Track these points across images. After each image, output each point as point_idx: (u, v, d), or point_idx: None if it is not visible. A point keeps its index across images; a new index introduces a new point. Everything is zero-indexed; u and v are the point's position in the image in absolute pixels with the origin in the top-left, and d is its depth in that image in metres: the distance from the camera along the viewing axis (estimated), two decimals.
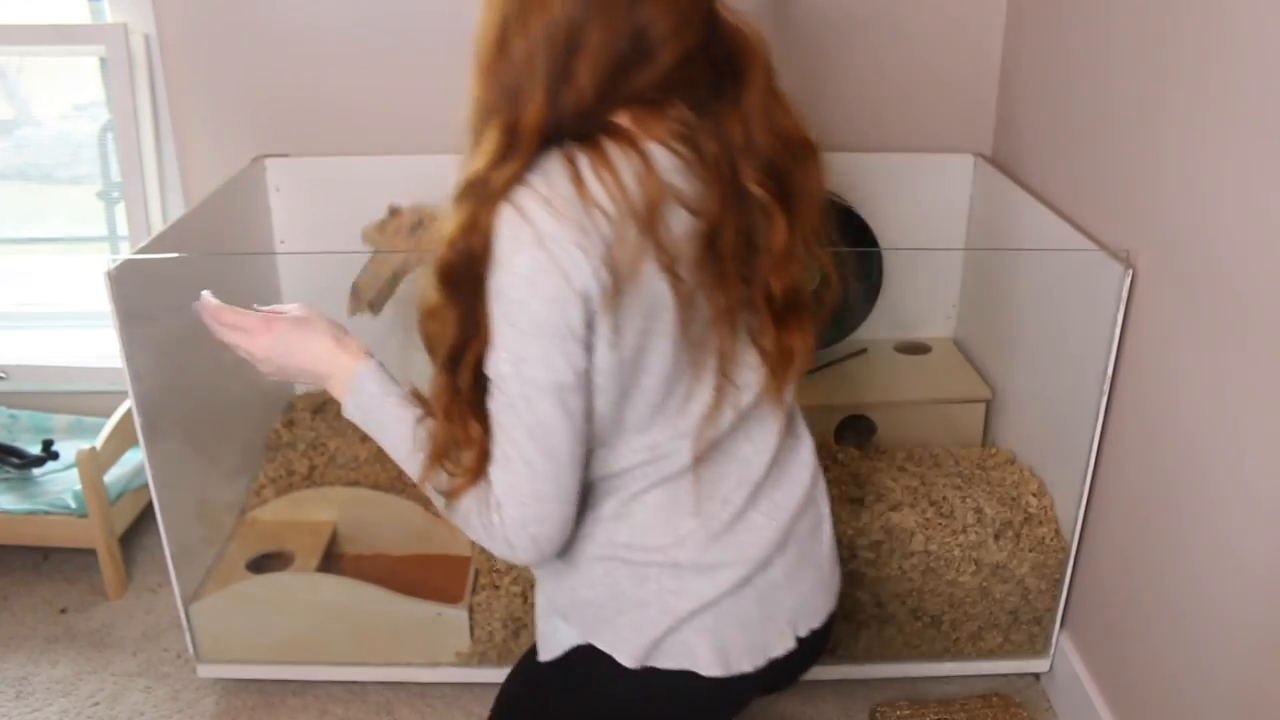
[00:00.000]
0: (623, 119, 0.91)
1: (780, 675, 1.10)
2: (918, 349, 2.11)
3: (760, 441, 1.06)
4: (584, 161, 0.88)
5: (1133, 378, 1.46)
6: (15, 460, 1.97)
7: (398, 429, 1.03)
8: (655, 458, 0.99)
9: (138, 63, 1.91)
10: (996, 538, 1.63)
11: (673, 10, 0.88)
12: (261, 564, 1.75)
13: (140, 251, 1.50)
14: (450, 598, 1.66)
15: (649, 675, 1.02)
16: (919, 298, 2.12)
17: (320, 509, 1.83)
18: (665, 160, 0.91)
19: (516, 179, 0.88)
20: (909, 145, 2.01)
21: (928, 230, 2.06)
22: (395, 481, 1.88)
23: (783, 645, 1.06)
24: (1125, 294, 1.44)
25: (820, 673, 1.71)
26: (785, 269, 0.98)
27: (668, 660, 1.02)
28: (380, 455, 1.92)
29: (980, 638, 1.68)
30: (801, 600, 1.08)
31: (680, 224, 0.91)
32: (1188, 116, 1.30)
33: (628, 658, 1.02)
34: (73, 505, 1.90)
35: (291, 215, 2.00)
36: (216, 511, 1.79)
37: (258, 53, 1.92)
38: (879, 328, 2.11)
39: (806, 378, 1.11)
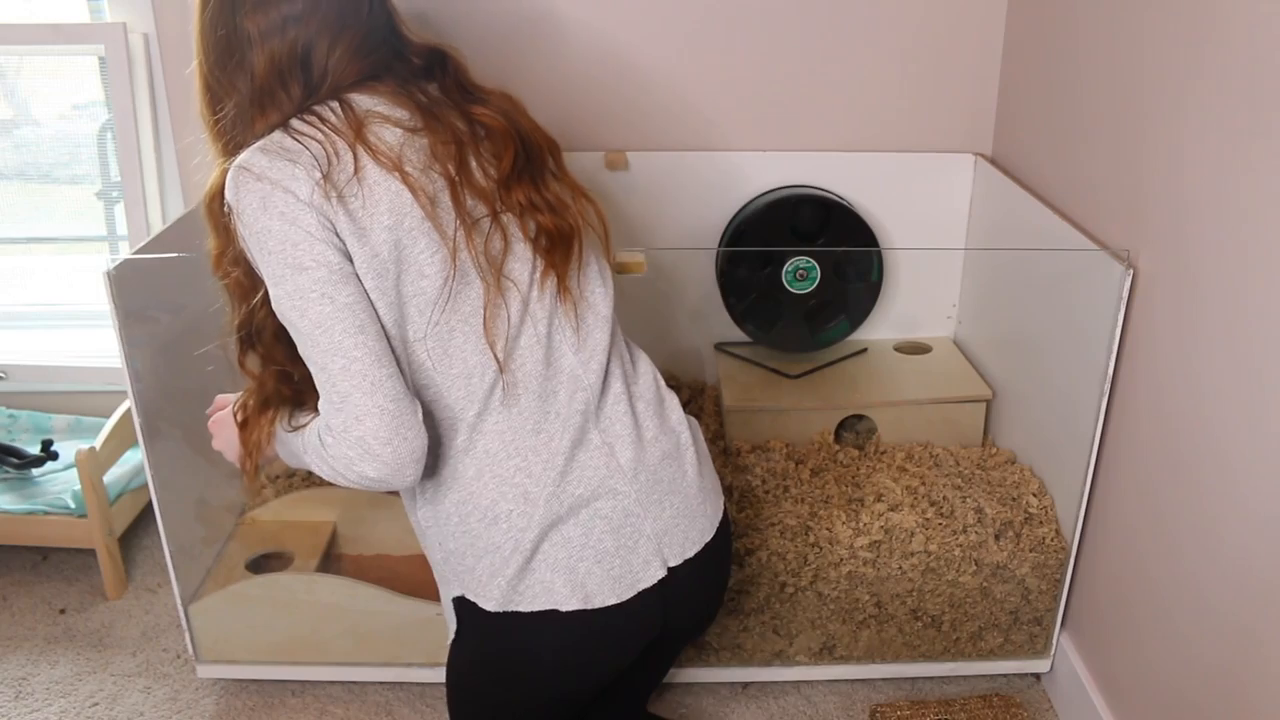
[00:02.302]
0: (330, 98, 1.06)
1: (672, 610, 1.12)
2: (918, 349, 2.11)
3: (584, 353, 1.11)
4: (294, 119, 1.04)
5: (1133, 378, 1.45)
6: (14, 460, 1.97)
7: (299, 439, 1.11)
8: (469, 372, 1.04)
9: (137, 62, 1.91)
10: (997, 538, 1.63)
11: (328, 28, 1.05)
12: (261, 564, 1.75)
13: (140, 251, 1.50)
14: None
15: (514, 619, 1.06)
16: (919, 298, 2.12)
17: (320, 509, 1.83)
18: (365, 99, 1.05)
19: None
20: (909, 145, 2.01)
21: (928, 230, 2.06)
22: None
23: (651, 575, 1.09)
24: (1125, 294, 1.44)
25: (820, 673, 1.71)
26: (531, 182, 1.09)
27: (528, 602, 1.05)
28: None
29: (980, 638, 1.68)
30: (664, 529, 1.10)
31: (394, 136, 1.04)
32: (1188, 116, 1.30)
33: (490, 602, 1.06)
34: (72, 505, 1.90)
35: None
36: (216, 511, 1.78)
37: None
38: (879, 328, 2.11)
39: (806, 377, 1.12)
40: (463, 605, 1.10)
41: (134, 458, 1.97)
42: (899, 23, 1.93)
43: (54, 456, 2.01)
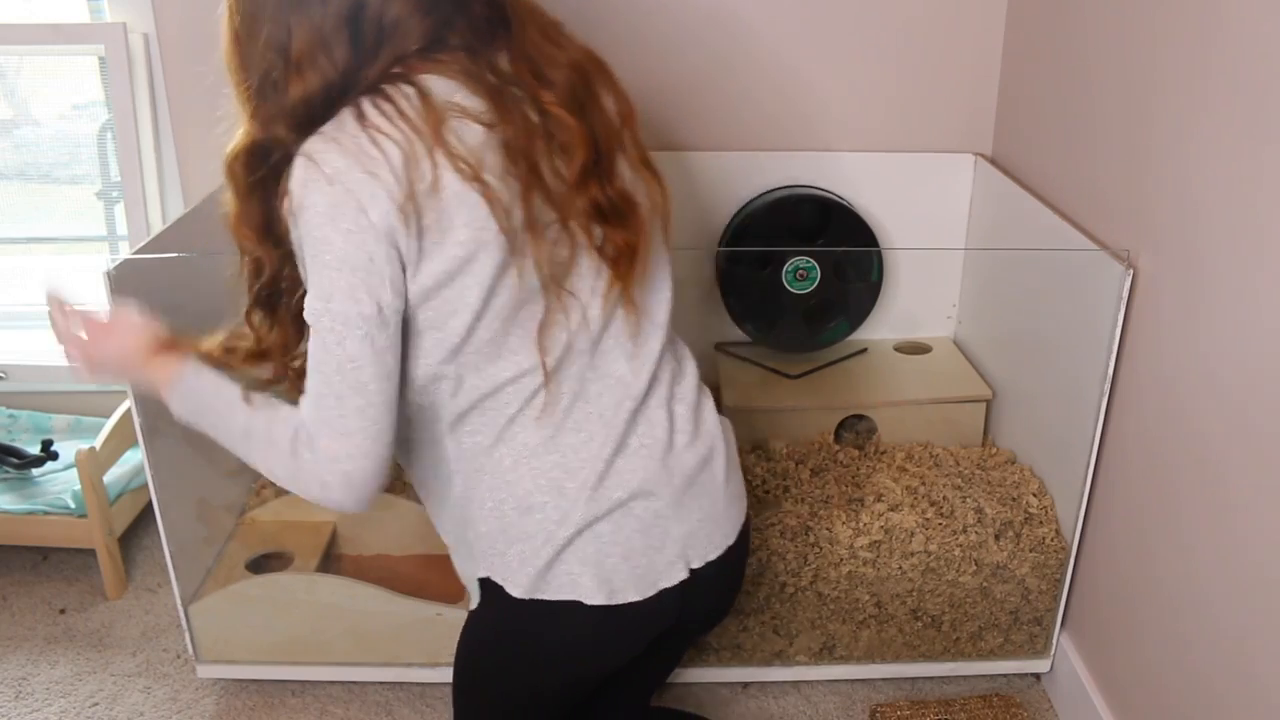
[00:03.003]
0: (396, 69, 0.97)
1: (688, 610, 1.13)
2: (918, 349, 2.11)
3: (634, 359, 1.09)
4: (366, 104, 0.94)
5: (1133, 378, 1.45)
6: (14, 460, 1.97)
7: (226, 396, 1.08)
8: (520, 374, 1.02)
9: (137, 62, 1.91)
10: (997, 538, 1.63)
11: None
12: (261, 564, 1.75)
13: (140, 251, 1.50)
14: (450, 598, 1.66)
15: (538, 606, 1.06)
16: (919, 298, 2.12)
17: (320, 509, 1.82)
18: (442, 85, 0.96)
19: (300, 138, 0.95)
20: (909, 145, 2.01)
21: (928, 230, 2.06)
22: (395, 482, 1.88)
23: (674, 575, 1.09)
24: (1125, 294, 1.44)
25: (820, 673, 1.71)
26: (599, 178, 1.02)
27: (554, 591, 1.06)
28: None
29: (980, 638, 1.68)
30: (690, 531, 1.10)
31: (474, 135, 0.95)
32: (1188, 116, 1.30)
33: (517, 588, 1.06)
34: (72, 505, 1.89)
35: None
36: (216, 511, 1.78)
37: None
38: (879, 328, 2.11)
39: (806, 377, 1.12)
40: (488, 585, 1.10)
41: (134, 458, 1.97)
42: (899, 23, 1.93)
43: (54, 456, 2.01)
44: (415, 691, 1.72)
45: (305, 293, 0.97)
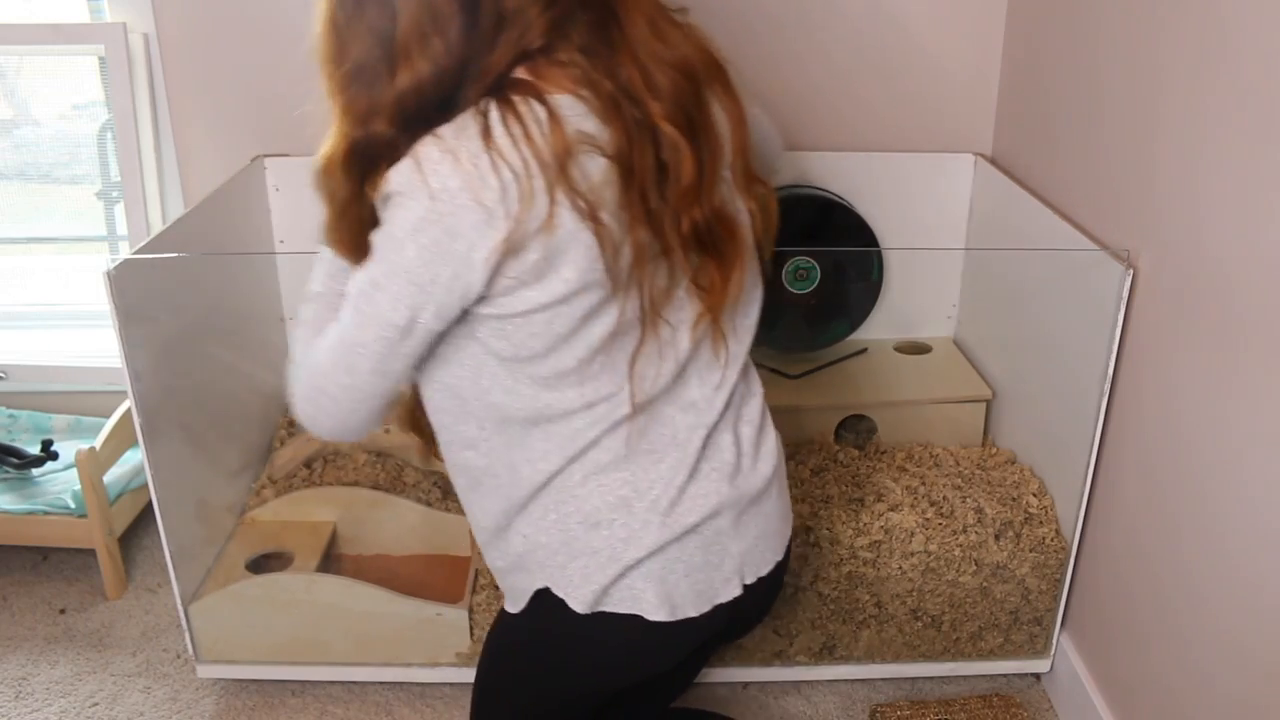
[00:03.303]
0: (521, 73, 0.91)
1: (732, 622, 1.13)
2: (918, 349, 2.11)
3: (710, 385, 1.07)
4: (494, 116, 0.88)
5: (1133, 378, 1.45)
6: (14, 460, 1.97)
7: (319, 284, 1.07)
8: (600, 399, 1.00)
9: (137, 62, 1.91)
10: (997, 538, 1.63)
11: None
12: (261, 564, 1.75)
13: (140, 251, 1.50)
14: (450, 598, 1.66)
15: (598, 619, 1.05)
16: (919, 298, 2.12)
17: (320, 509, 1.83)
18: (572, 108, 0.90)
19: (411, 136, 0.89)
20: (909, 145, 2.01)
21: (928, 230, 2.06)
22: (395, 482, 1.88)
23: (729, 592, 1.08)
24: (1125, 294, 1.44)
25: (820, 673, 1.71)
26: (699, 201, 0.95)
27: (615, 604, 1.04)
28: (380, 456, 1.92)
29: (980, 638, 1.68)
30: (747, 549, 1.09)
31: (598, 170, 0.90)
32: (1188, 116, 1.30)
33: (579, 603, 1.04)
34: (72, 505, 1.89)
35: (291, 215, 2.00)
36: (216, 511, 1.78)
37: (257, 52, 1.92)
38: (879, 328, 2.11)
39: (806, 377, 1.12)
40: (546, 596, 1.07)
41: (134, 458, 1.97)
42: (899, 23, 1.93)
43: (54, 456, 2.01)
44: (415, 691, 1.72)
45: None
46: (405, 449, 1.90)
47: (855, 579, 1.62)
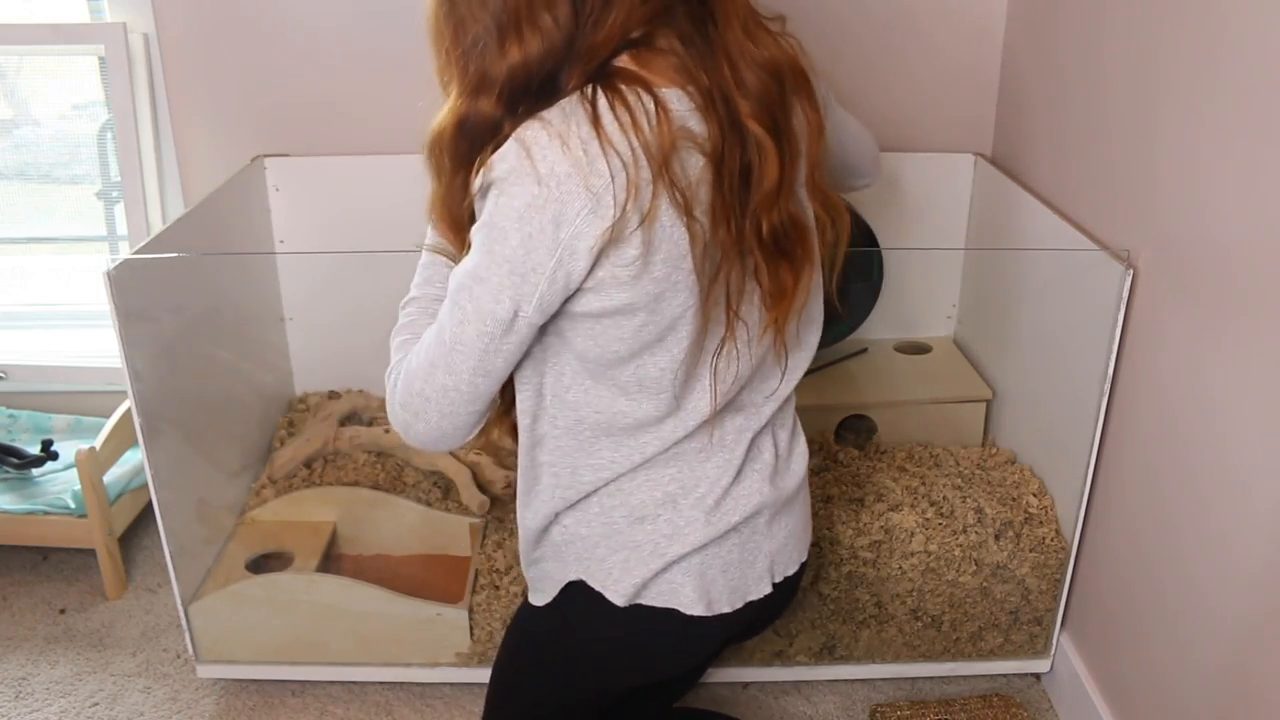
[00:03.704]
0: (624, 61, 0.91)
1: (756, 619, 1.15)
2: (918, 349, 2.11)
3: (764, 394, 1.08)
4: (603, 103, 0.87)
5: (1133, 378, 1.45)
6: (14, 460, 1.97)
7: (421, 287, 1.06)
8: (671, 414, 1.00)
9: (137, 62, 1.91)
10: (997, 538, 1.63)
11: None
12: (261, 564, 1.75)
13: (140, 251, 1.50)
14: (450, 598, 1.66)
15: (634, 611, 1.06)
16: (919, 298, 2.12)
17: (320, 509, 1.83)
18: (678, 103, 0.90)
19: (515, 118, 0.88)
20: (909, 145, 2.01)
21: (928, 230, 2.06)
22: (395, 482, 1.88)
23: (761, 590, 1.10)
24: (1125, 294, 1.44)
25: (820, 673, 1.71)
26: (778, 204, 0.95)
27: (654, 599, 1.05)
28: (380, 456, 1.92)
29: (980, 638, 1.68)
30: (778, 548, 1.12)
31: (695, 167, 0.90)
32: (1187, 116, 1.30)
33: (618, 596, 1.05)
34: (72, 505, 1.89)
35: (291, 215, 2.00)
36: (216, 511, 1.78)
37: (258, 52, 1.92)
38: (879, 328, 2.11)
39: (806, 377, 1.12)
40: (580, 588, 1.07)
41: (134, 458, 1.97)
42: (899, 23, 1.93)
43: (54, 456, 2.01)
44: (415, 691, 1.72)
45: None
46: (405, 449, 1.90)
47: (855, 579, 1.62)
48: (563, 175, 0.85)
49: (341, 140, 1.98)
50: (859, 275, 2.03)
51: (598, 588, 1.06)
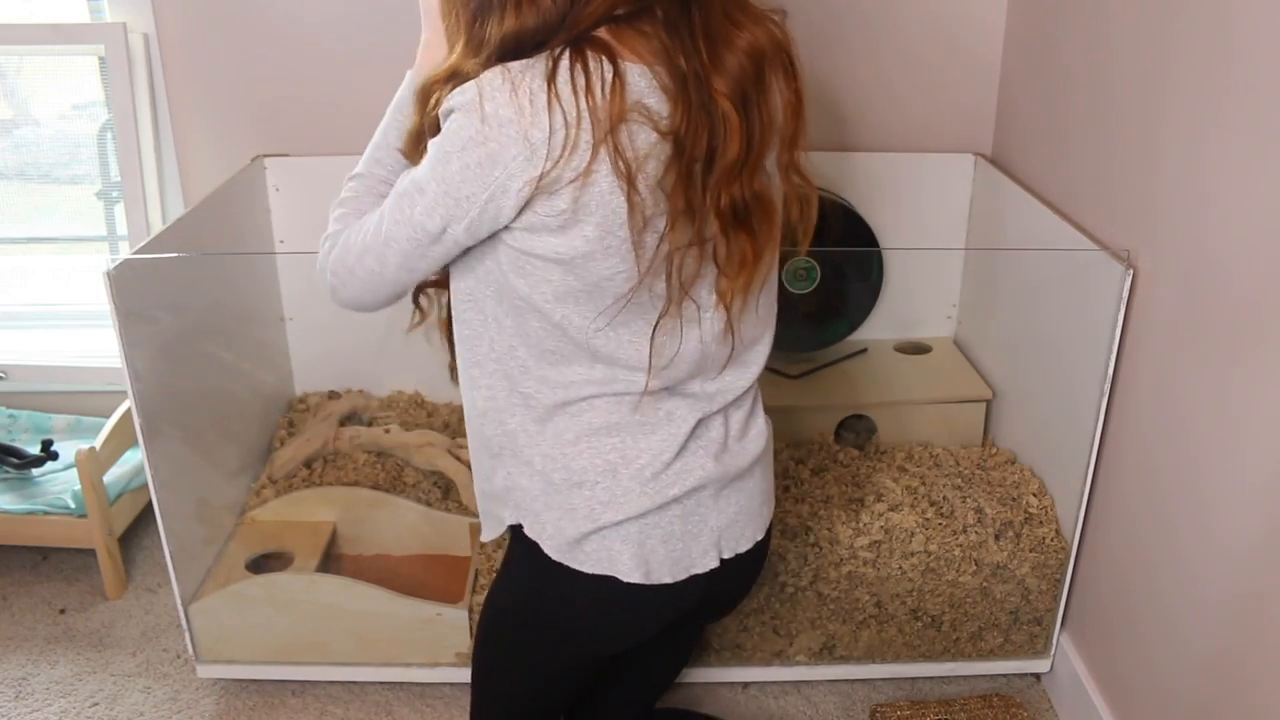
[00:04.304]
0: (602, 33, 0.95)
1: (710, 599, 1.17)
2: (918, 349, 2.11)
3: (719, 381, 1.11)
4: (564, 63, 0.92)
5: (1133, 378, 1.45)
6: (14, 460, 1.97)
7: (370, 154, 1.16)
8: (604, 362, 1.03)
9: (137, 62, 1.91)
10: (997, 538, 1.63)
11: None
12: (261, 564, 1.75)
13: (140, 251, 1.50)
14: (450, 598, 1.66)
15: (573, 574, 1.09)
16: (919, 298, 2.12)
17: (320, 509, 1.83)
18: (640, 81, 0.94)
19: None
20: (909, 145, 2.01)
21: (928, 230, 2.06)
22: (395, 482, 1.88)
23: (706, 564, 1.12)
24: (1125, 294, 1.44)
25: (820, 673, 1.71)
26: (741, 177, 0.98)
27: (591, 564, 1.08)
28: (380, 456, 1.92)
29: (980, 638, 1.68)
30: (726, 523, 1.13)
31: (646, 142, 0.93)
32: (1188, 116, 1.30)
33: (552, 549, 1.09)
34: (72, 505, 1.89)
35: (291, 215, 2.00)
36: (216, 511, 1.78)
37: (257, 52, 1.92)
38: (879, 328, 2.11)
39: (806, 377, 1.13)
40: (521, 536, 1.12)
41: (134, 458, 1.97)
42: (898, 23, 1.93)
43: (54, 456, 2.01)
44: (415, 691, 1.72)
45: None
46: (405, 448, 1.91)
47: (855, 579, 1.62)
48: (505, 119, 0.91)
49: (341, 140, 1.97)
50: (859, 275, 2.03)
51: (533, 537, 1.10)
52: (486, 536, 1.18)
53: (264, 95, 1.95)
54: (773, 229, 1.04)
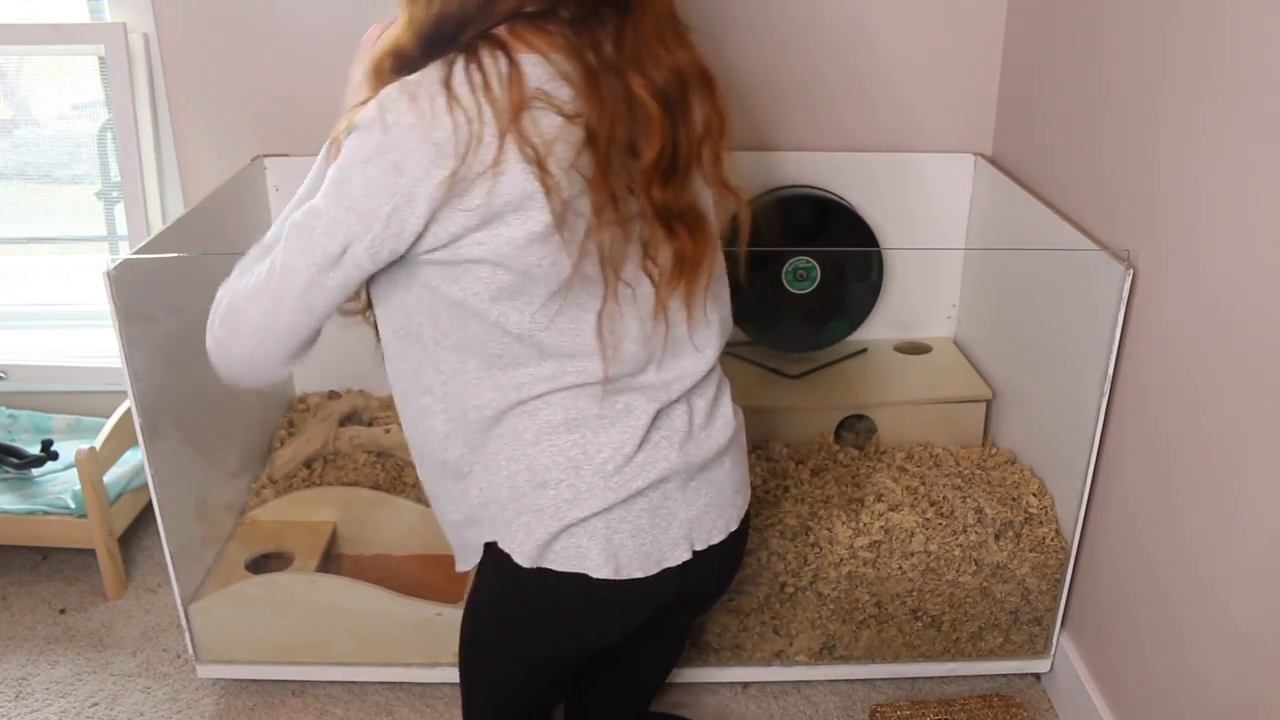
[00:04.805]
0: (500, 31, 0.98)
1: (687, 592, 1.16)
2: (918, 349, 2.11)
3: (671, 374, 1.11)
4: (459, 66, 0.94)
5: (1133, 378, 1.46)
6: (14, 460, 1.97)
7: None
8: (552, 356, 1.04)
9: (137, 62, 1.91)
10: (997, 538, 1.63)
11: None
12: (261, 564, 1.75)
13: (140, 251, 1.50)
14: (450, 598, 1.66)
15: (544, 575, 1.09)
16: (919, 298, 2.12)
17: (320, 509, 1.83)
18: (537, 70, 0.96)
19: (424, 59, 0.96)
20: (909, 145, 2.01)
21: (928, 230, 2.06)
22: (395, 482, 1.88)
23: (677, 556, 1.12)
24: (1125, 294, 1.44)
25: (820, 673, 1.71)
26: (668, 186, 1.00)
27: (560, 562, 1.08)
28: (380, 456, 1.92)
29: (980, 638, 1.68)
30: (696, 515, 1.13)
31: (552, 126, 0.95)
32: (1188, 116, 1.30)
33: (522, 557, 1.09)
34: (72, 505, 1.89)
35: None
36: (216, 511, 1.78)
37: (257, 52, 1.92)
38: (879, 328, 2.11)
39: (806, 377, 1.13)
40: (493, 551, 1.12)
41: (134, 458, 1.97)
42: (899, 22, 1.93)
43: (54, 456, 2.01)
44: (415, 691, 1.72)
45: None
46: (405, 448, 1.90)
47: (855, 579, 1.62)
48: (406, 126, 0.92)
49: None
50: (859, 275, 2.03)
51: (505, 549, 1.10)
52: (462, 567, 1.18)
53: (264, 95, 1.95)
54: (705, 242, 1.06)
